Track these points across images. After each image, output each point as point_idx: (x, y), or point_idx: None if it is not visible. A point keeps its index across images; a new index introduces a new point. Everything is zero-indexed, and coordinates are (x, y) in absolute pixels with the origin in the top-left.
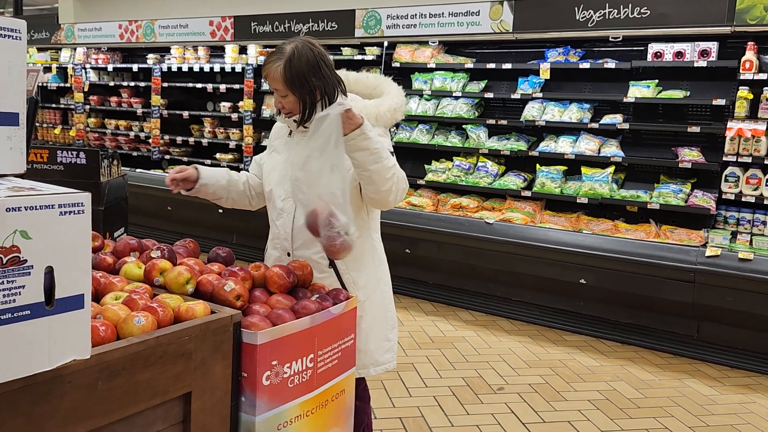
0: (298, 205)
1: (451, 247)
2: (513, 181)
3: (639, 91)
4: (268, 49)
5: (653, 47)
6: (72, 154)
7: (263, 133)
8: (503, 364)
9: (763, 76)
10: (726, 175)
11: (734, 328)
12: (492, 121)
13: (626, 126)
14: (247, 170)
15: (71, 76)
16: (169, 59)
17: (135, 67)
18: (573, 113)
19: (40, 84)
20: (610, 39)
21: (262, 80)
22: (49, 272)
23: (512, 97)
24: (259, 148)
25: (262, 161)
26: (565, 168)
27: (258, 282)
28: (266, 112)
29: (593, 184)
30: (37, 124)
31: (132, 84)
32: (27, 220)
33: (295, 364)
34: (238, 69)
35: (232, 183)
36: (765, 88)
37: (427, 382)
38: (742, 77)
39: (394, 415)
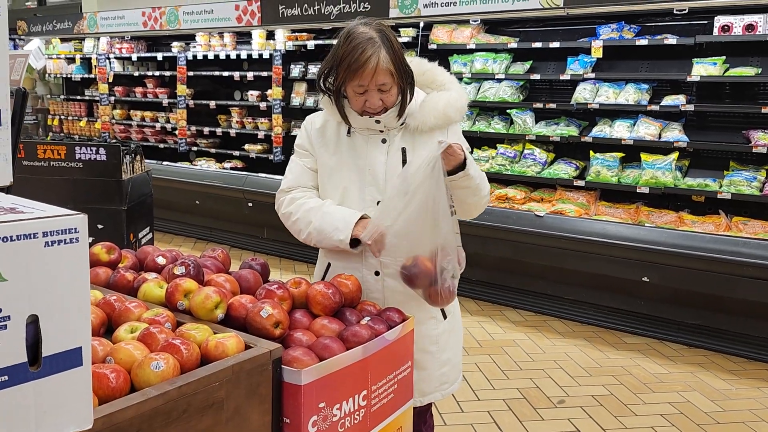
0: (388, 258)
1: (497, 242)
2: (564, 169)
3: (704, 68)
4: (296, 34)
5: (720, 20)
6: (91, 150)
7: (293, 122)
8: (561, 372)
9: None
10: None
11: None
12: (539, 105)
13: (690, 108)
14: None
15: (95, 66)
16: (195, 47)
17: (160, 56)
18: (629, 95)
19: (64, 75)
20: (675, 11)
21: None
22: (33, 323)
23: (561, 78)
24: (288, 138)
25: (314, 165)
26: (622, 155)
27: (298, 302)
28: (295, 100)
29: (655, 172)
30: (62, 117)
31: (157, 74)
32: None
33: (346, 405)
34: (266, 55)
35: None
36: None
37: (479, 394)
38: None
39: None
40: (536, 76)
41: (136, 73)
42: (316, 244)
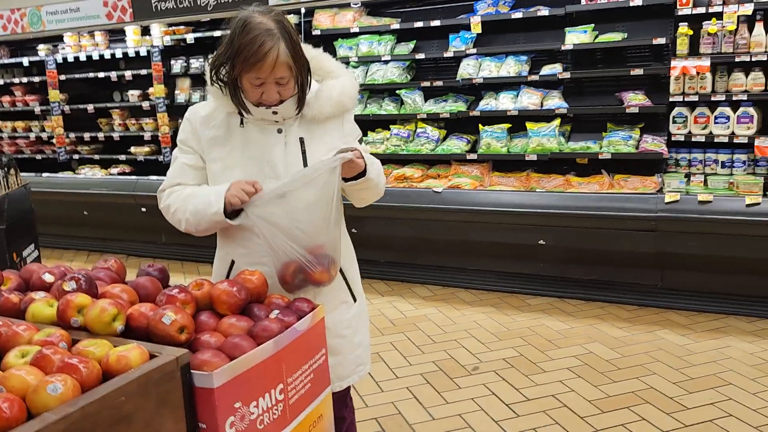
0: (275, 257)
1: (400, 222)
2: (456, 144)
3: (576, 37)
4: (174, 28)
5: None
6: None
7: (180, 120)
8: (472, 340)
9: (700, 10)
10: (674, 117)
11: (698, 273)
12: (426, 84)
13: (567, 75)
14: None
15: None
16: (64, 49)
17: (26, 60)
18: (510, 67)
19: None
20: None
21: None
22: None
23: (445, 55)
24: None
25: (197, 162)
26: (509, 125)
27: (203, 304)
28: (180, 97)
29: (540, 140)
30: None
31: (25, 80)
32: None
33: (263, 401)
34: (143, 53)
35: None
36: (704, 22)
37: (397, 372)
38: (679, 13)
39: (369, 416)
40: (421, 56)
41: (1, 81)
42: (197, 229)
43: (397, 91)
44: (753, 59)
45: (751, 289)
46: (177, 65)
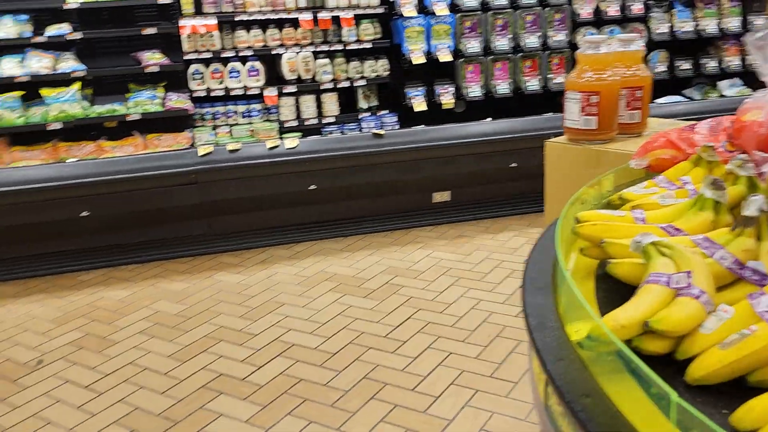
0: None
1: None
2: None
3: None
4: None
5: None
6: None
7: None
8: (28, 333)
9: None
10: (191, 74)
11: (240, 214)
12: None
13: (78, 36)
14: None
15: None
16: None
17: None
18: (10, 27)
19: None
20: None
21: None
22: None
23: None
24: None
25: None
26: (23, 93)
27: None
28: None
29: (62, 106)
30: None
31: None
32: None
33: None
34: None
35: None
36: None
37: None
38: None
39: None
40: None
41: None
42: None
43: None
44: (251, 18)
45: (286, 219)
46: None
